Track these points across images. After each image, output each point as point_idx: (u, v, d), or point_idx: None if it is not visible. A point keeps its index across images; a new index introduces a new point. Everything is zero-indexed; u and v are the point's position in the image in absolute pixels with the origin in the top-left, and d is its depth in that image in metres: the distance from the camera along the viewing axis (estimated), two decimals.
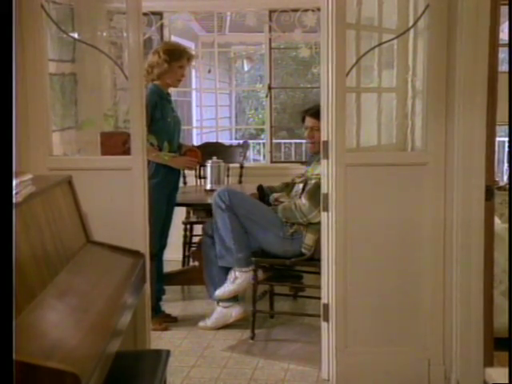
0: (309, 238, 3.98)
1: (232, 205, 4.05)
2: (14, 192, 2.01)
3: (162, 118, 4.13)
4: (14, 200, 1.93)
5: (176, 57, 4.23)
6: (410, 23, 3.48)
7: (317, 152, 3.84)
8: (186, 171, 4.96)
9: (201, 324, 4.23)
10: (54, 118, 4.41)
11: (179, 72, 4.25)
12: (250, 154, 8.34)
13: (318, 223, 3.55)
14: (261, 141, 7.77)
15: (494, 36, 3.14)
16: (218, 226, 4.14)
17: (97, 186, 3.22)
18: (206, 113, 7.26)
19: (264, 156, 6.61)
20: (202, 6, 5.98)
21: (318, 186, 3.66)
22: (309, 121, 4.19)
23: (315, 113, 3.87)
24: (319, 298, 3.51)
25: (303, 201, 4.03)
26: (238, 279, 4.09)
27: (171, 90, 4.60)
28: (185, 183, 5.37)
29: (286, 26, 5.90)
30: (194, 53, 4.65)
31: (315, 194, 3.81)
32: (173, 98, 4.66)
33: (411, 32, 3.51)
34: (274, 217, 4.07)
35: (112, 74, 5.48)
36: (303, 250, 3.99)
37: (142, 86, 3.29)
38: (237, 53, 7.60)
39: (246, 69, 9.82)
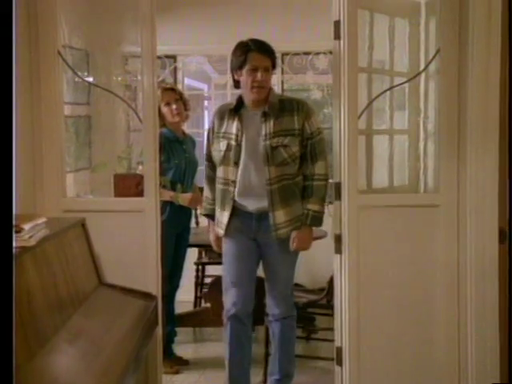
0: None
1: None
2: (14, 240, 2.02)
3: (167, 160, 4.07)
4: (13, 246, 1.93)
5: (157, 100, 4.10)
6: (421, 66, 3.51)
7: (264, 99, 3.30)
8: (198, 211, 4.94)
9: None
10: (67, 159, 4.46)
11: (168, 109, 4.17)
12: None
13: None
14: None
15: (505, 77, 3.15)
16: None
17: (110, 228, 3.23)
18: None
19: None
20: (215, 49, 6.06)
21: (323, 139, 3.37)
22: (258, 59, 3.26)
23: (265, 48, 3.31)
24: (332, 341, 3.47)
25: (320, 164, 3.36)
26: None
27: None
28: (197, 223, 5.37)
29: (298, 68, 5.97)
30: (166, 85, 4.49)
31: (325, 151, 3.40)
32: (196, 139, 4.66)
33: (422, 75, 3.54)
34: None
35: (126, 116, 5.55)
36: None
37: (155, 128, 3.33)
38: None
39: None
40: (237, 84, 3.38)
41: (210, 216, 3.55)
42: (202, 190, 4.49)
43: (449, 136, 3.28)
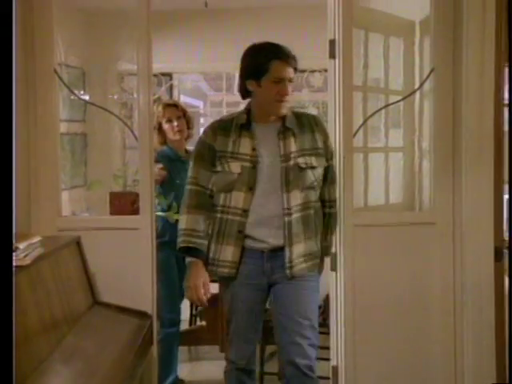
0: None
1: None
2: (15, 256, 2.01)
3: (168, 180, 3.90)
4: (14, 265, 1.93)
5: (157, 119, 3.95)
6: (416, 85, 3.53)
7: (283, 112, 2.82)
8: None
9: None
10: (63, 176, 4.46)
11: (169, 126, 3.96)
12: None
13: None
14: None
15: (499, 96, 3.17)
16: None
17: (105, 246, 3.21)
18: None
19: None
20: (211, 67, 6.09)
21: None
22: (283, 69, 2.75)
23: (291, 57, 2.80)
24: (328, 360, 3.45)
25: (335, 188, 3.02)
26: None
27: None
28: None
29: (293, 85, 5.98)
30: (169, 101, 4.37)
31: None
32: None
33: (417, 93, 3.56)
34: None
35: (122, 134, 5.57)
36: None
37: (151, 146, 3.32)
38: None
39: None
40: (247, 94, 2.85)
41: (195, 252, 2.81)
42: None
43: (444, 154, 3.29)
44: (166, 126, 3.95)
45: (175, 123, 3.95)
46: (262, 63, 2.74)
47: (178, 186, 3.84)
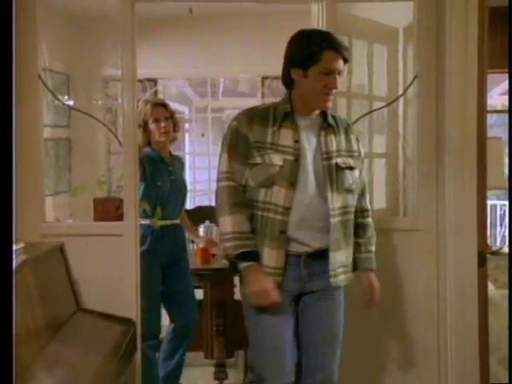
0: None
1: None
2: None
3: (149, 182, 3.75)
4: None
5: (144, 118, 3.80)
6: (400, 91, 3.55)
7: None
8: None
9: None
10: (47, 182, 4.43)
11: (155, 126, 3.80)
12: None
13: None
14: None
15: (482, 103, 3.20)
16: None
17: (89, 252, 3.20)
18: (199, 176, 7.30)
19: None
20: (196, 73, 6.10)
21: None
22: (335, 60, 2.52)
23: (343, 47, 2.56)
24: None
25: (368, 198, 2.85)
26: None
27: None
28: None
29: (278, 91, 6.00)
30: (157, 100, 4.20)
31: None
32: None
33: (401, 99, 3.58)
34: None
35: (106, 139, 5.55)
36: None
37: (135, 151, 3.31)
38: (230, 116, 7.70)
39: None
40: (290, 83, 2.61)
41: (252, 255, 2.50)
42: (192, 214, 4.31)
43: (427, 160, 3.31)
44: (152, 126, 3.81)
45: (162, 124, 3.81)
46: (314, 52, 2.49)
47: (158, 188, 3.78)
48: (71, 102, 5.15)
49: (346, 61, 2.54)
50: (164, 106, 3.89)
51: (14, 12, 1.83)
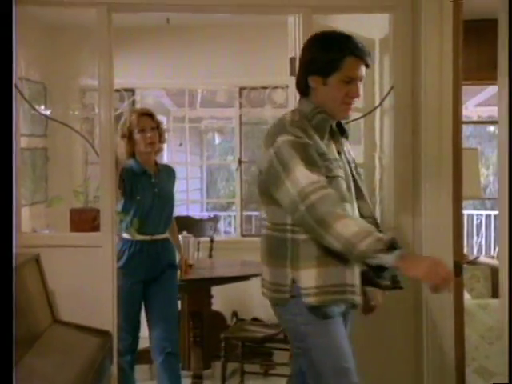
0: None
1: None
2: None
3: (129, 196, 3.64)
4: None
5: (129, 128, 3.67)
6: (376, 102, 3.58)
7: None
8: None
9: None
10: (24, 192, 4.40)
11: (141, 137, 3.66)
12: (222, 225, 8.35)
13: None
14: (232, 213, 7.79)
15: (457, 114, 3.22)
16: None
17: (65, 263, 3.18)
18: (177, 185, 7.28)
19: (235, 228, 6.62)
20: (174, 83, 6.09)
21: None
22: (357, 67, 2.34)
23: (366, 52, 2.37)
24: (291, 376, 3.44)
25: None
26: None
27: None
28: None
29: (255, 102, 6.04)
30: (143, 109, 3.92)
31: None
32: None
33: (378, 110, 3.61)
34: None
35: (83, 149, 5.53)
36: None
37: (112, 162, 3.30)
38: (208, 126, 7.72)
39: (217, 142, 9.96)
40: (306, 90, 2.37)
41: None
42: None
43: (404, 170, 3.34)
44: (137, 137, 3.67)
45: (148, 134, 3.67)
46: (334, 59, 2.28)
47: (138, 202, 3.66)
48: (48, 112, 5.12)
49: (367, 66, 2.37)
50: (150, 115, 3.76)
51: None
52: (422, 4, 3.17)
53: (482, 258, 4.72)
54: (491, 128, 8.73)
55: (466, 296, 3.49)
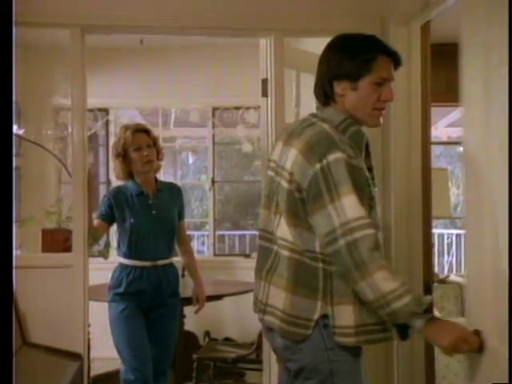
0: None
1: None
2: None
3: (121, 220, 3.45)
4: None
5: (123, 146, 3.44)
6: None
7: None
8: None
9: None
10: None
11: (137, 155, 3.42)
12: (195, 245, 8.33)
13: None
14: (205, 232, 7.78)
15: (426, 135, 3.29)
16: None
17: (36, 284, 3.16)
18: None
19: (208, 248, 6.62)
20: (148, 103, 6.12)
21: None
22: (389, 67, 2.13)
23: (396, 52, 2.15)
24: None
25: None
26: None
27: None
28: None
29: (228, 122, 6.09)
30: (139, 126, 3.64)
31: None
32: None
33: None
34: None
35: (56, 168, 5.50)
36: None
37: (85, 182, 3.29)
38: (182, 145, 7.73)
39: (190, 161, 9.97)
40: (328, 98, 2.16)
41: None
42: None
43: None
44: (133, 155, 3.40)
45: (145, 152, 3.41)
46: (366, 59, 2.08)
47: (132, 225, 3.42)
48: (21, 131, 5.10)
49: (396, 67, 2.15)
50: (146, 131, 3.51)
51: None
52: (391, 28, 3.23)
53: (453, 277, 4.79)
54: (461, 148, 8.86)
55: (437, 314, 3.53)
